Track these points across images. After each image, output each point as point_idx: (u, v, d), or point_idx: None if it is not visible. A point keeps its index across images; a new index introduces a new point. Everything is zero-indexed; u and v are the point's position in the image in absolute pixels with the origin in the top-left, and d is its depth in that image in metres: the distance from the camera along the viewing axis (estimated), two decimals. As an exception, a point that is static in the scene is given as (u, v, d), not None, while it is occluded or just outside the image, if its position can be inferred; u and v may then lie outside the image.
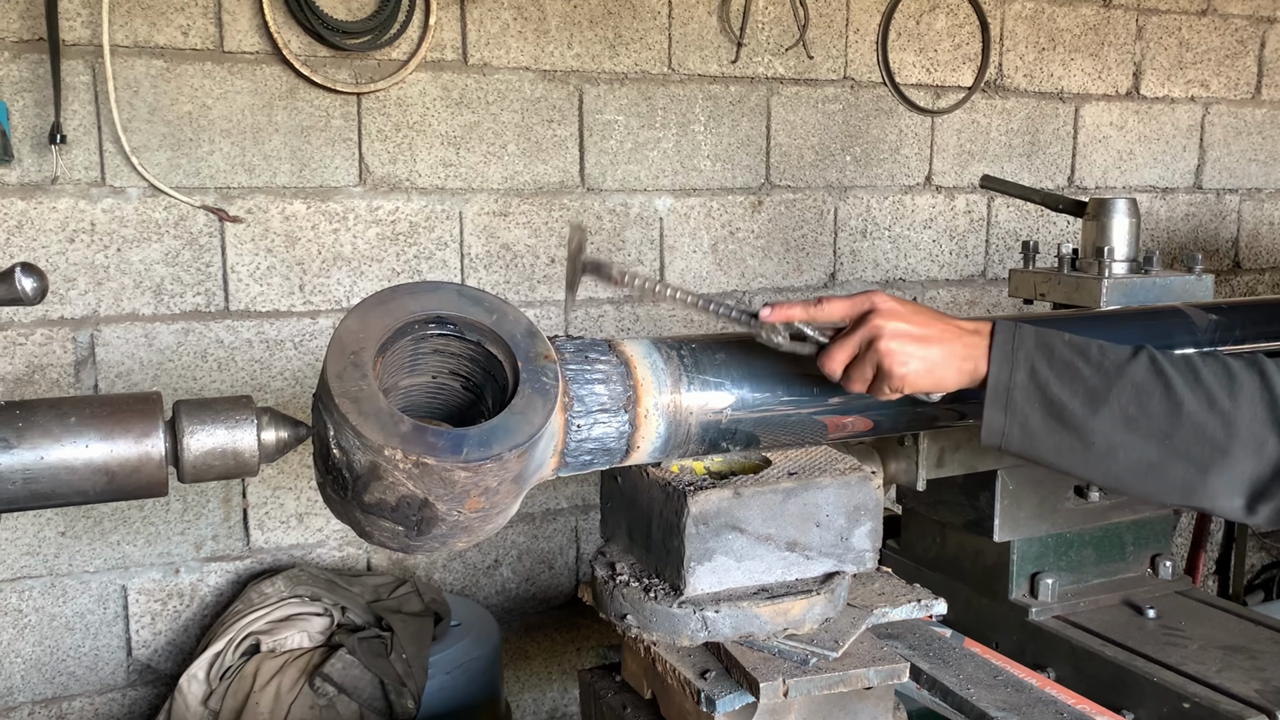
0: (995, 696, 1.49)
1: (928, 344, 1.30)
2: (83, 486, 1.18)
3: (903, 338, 1.29)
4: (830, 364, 1.32)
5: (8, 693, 2.64)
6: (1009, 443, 1.30)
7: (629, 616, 1.44)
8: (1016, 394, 1.28)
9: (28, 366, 2.56)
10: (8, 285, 1.10)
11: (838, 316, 1.33)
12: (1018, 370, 1.28)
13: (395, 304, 1.24)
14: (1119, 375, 1.27)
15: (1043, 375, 1.27)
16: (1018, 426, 1.29)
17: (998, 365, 1.29)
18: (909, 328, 1.29)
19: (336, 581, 2.62)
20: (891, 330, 1.29)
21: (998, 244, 3.65)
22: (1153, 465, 1.26)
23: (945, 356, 1.30)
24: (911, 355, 1.29)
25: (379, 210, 2.83)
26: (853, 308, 1.32)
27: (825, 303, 1.33)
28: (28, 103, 2.48)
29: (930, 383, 1.31)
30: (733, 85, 3.20)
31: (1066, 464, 1.30)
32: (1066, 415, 1.27)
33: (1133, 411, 1.25)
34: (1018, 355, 1.29)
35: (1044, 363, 1.28)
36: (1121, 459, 1.27)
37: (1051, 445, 1.29)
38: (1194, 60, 3.86)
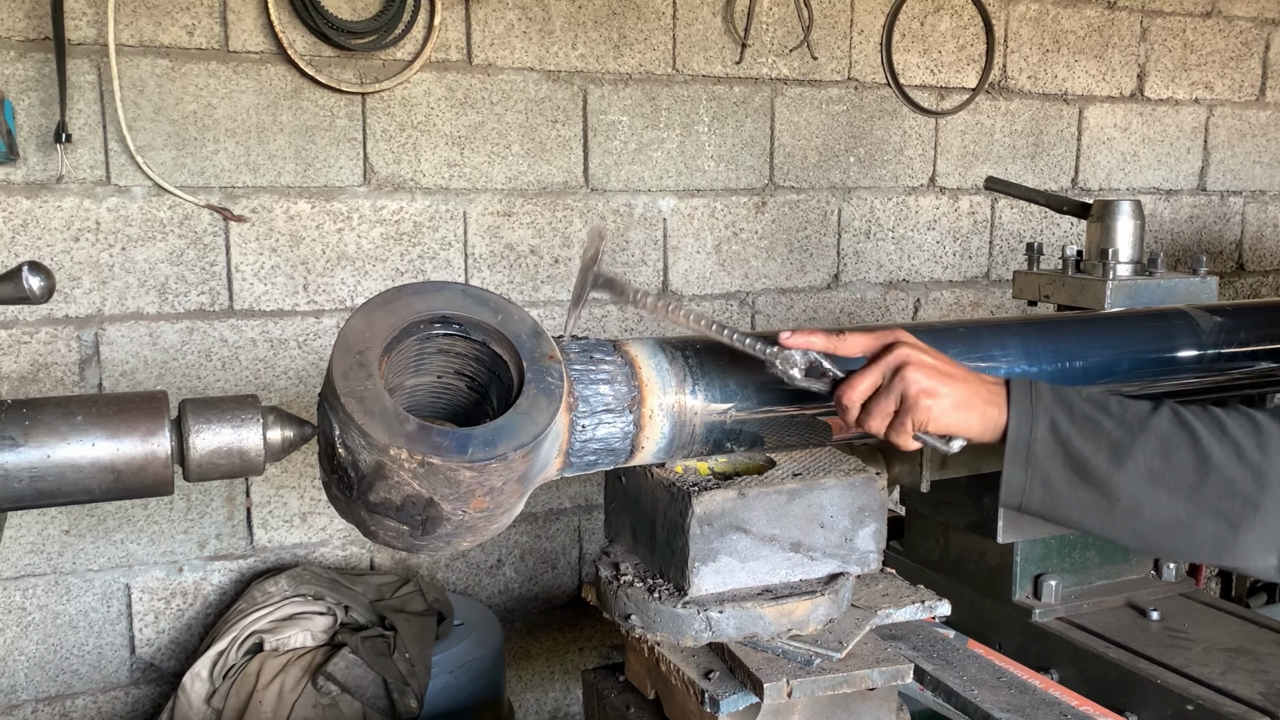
0: (999, 698, 1.49)
1: (954, 380, 1.25)
2: (89, 485, 1.18)
3: (930, 369, 1.24)
4: (850, 394, 1.26)
5: (11, 690, 2.65)
6: (1029, 501, 1.25)
7: (633, 617, 1.44)
8: (1037, 448, 1.22)
9: (32, 365, 2.56)
10: (15, 284, 1.10)
11: (859, 350, 1.28)
12: (1038, 424, 1.23)
13: (401, 303, 1.24)
14: (1142, 428, 1.22)
15: (1064, 429, 1.22)
16: (1039, 483, 1.23)
17: (1017, 418, 1.23)
18: (936, 362, 1.25)
19: (340, 580, 2.62)
20: (919, 360, 1.24)
21: (1001, 245, 3.65)
22: (1181, 522, 1.21)
23: (971, 396, 1.25)
24: (939, 388, 1.23)
25: (383, 210, 2.83)
26: (876, 341, 1.28)
27: (847, 334, 1.29)
28: (33, 101, 2.49)
29: (954, 421, 1.25)
30: (737, 86, 3.20)
31: (1091, 523, 1.25)
32: (1090, 470, 1.21)
33: (1158, 465, 1.20)
34: (1037, 409, 1.23)
35: (1064, 416, 1.23)
36: (1148, 516, 1.21)
37: (1075, 502, 1.23)
38: (1198, 62, 3.86)
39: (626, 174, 3.09)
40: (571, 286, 3.04)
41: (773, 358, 1.29)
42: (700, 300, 3.23)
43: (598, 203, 3.06)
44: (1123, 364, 1.72)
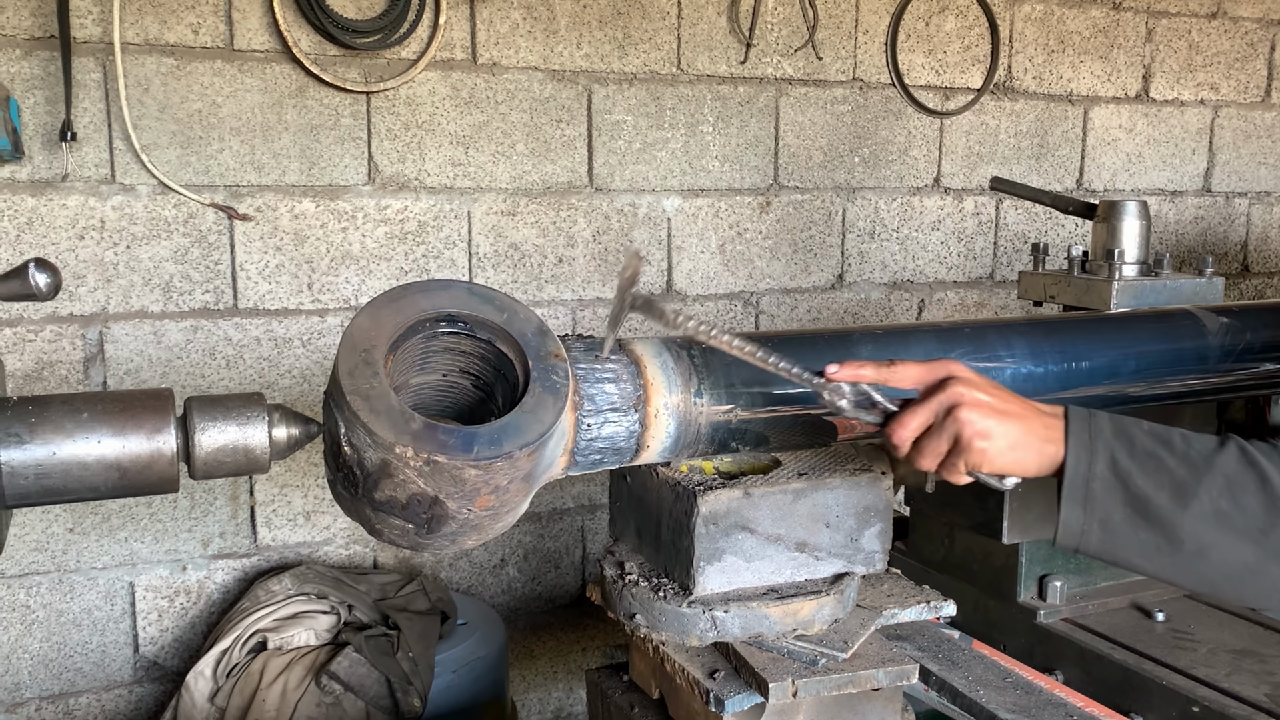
0: (1005, 698, 1.49)
1: (1010, 419, 1.19)
2: (94, 482, 1.18)
3: (985, 408, 1.18)
4: (901, 431, 1.21)
5: (15, 688, 2.65)
6: (1087, 542, 1.19)
7: (638, 616, 1.43)
8: (1096, 486, 1.16)
9: (37, 363, 2.56)
10: (21, 280, 1.10)
11: (911, 381, 1.23)
12: (1097, 460, 1.17)
13: (406, 302, 1.24)
14: (1208, 467, 1.16)
15: (1124, 466, 1.16)
16: (1097, 524, 1.17)
17: (1075, 453, 1.17)
18: (991, 400, 1.19)
19: (343, 579, 2.62)
20: (973, 399, 1.19)
21: (1006, 246, 3.65)
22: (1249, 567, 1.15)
23: (1026, 434, 1.19)
24: (994, 428, 1.18)
25: (388, 209, 2.83)
26: (929, 373, 1.23)
27: (899, 365, 1.24)
28: (39, 100, 2.49)
29: (1010, 462, 1.19)
30: (741, 86, 3.19)
31: (1154, 566, 1.18)
32: (1152, 511, 1.15)
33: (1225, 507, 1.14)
34: (1096, 443, 1.18)
35: (1124, 452, 1.17)
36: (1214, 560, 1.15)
37: (1136, 545, 1.17)
38: (1204, 63, 3.85)
39: (631, 174, 3.09)
40: (575, 287, 3.04)
41: (820, 388, 1.24)
42: (704, 300, 3.22)
43: (602, 202, 3.06)
44: (1129, 365, 1.71)
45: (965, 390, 1.19)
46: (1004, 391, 1.22)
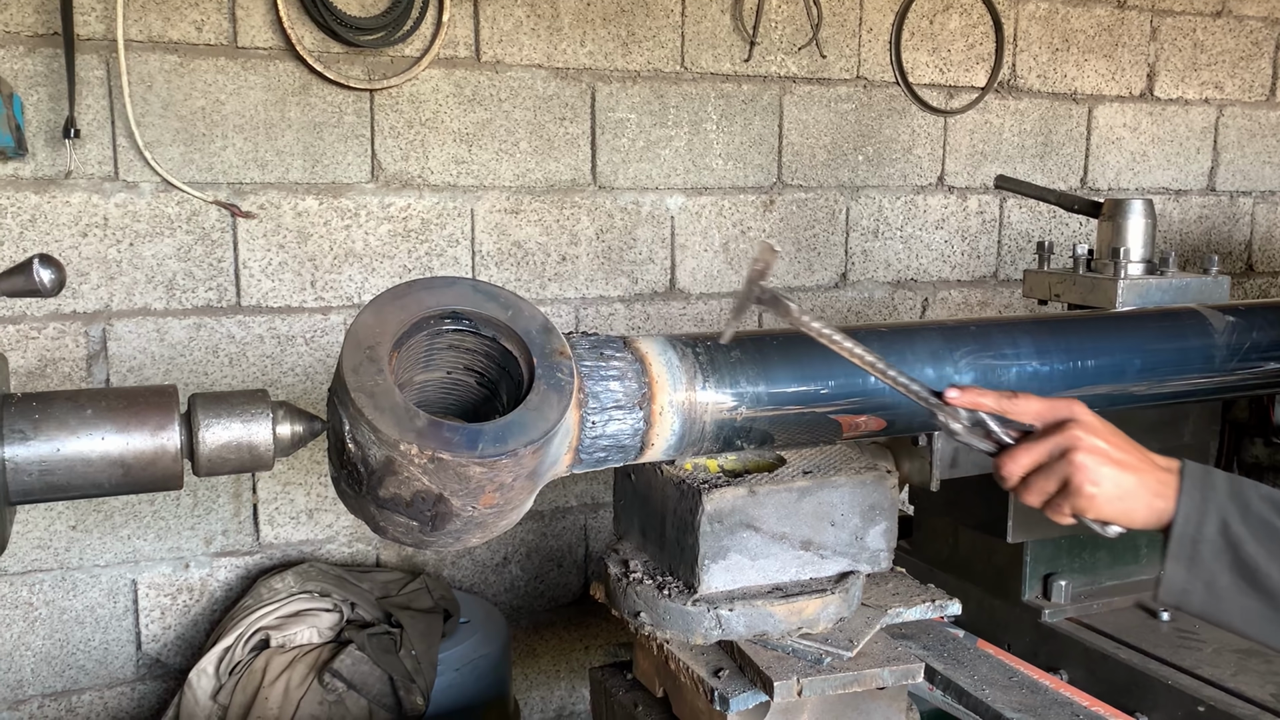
0: (1010, 698, 1.49)
1: (1124, 469, 1.18)
2: (98, 479, 1.18)
3: (1100, 455, 1.18)
4: (1012, 466, 1.21)
5: (18, 685, 2.65)
6: (1189, 602, 1.18)
7: (642, 614, 1.43)
8: (1204, 548, 1.16)
9: (40, 360, 2.56)
10: (26, 276, 1.10)
11: (1031, 415, 1.23)
12: (1207, 522, 1.16)
13: (411, 299, 1.24)
14: None
15: (1235, 532, 1.15)
16: (1202, 585, 1.16)
17: (1185, 513, 1.17)
18: (1107, 447, 1.19)
19: (346, 577, 2.62)
20: (1089, 445, 1.18)
21: (1010, 245, 3.64)
22: None
23: (1138, 486, 1.18)
24: (1105, 477, 1.17)
25: (391, 207, 2.83)
26: (1050, 411, 1.22)
27: (1020, 398, 1.23)
28: (42, 97, 2.49)
29: (1117, 511, 1.19)
30: (745, 84, 3.19)
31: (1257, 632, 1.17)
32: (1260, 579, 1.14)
33: None
34: (1208, 504, 1.17)
35: (1237, 517, 1.15)
36: None
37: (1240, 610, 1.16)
38: (1208, 62, 3.84)
39: (634, 172, 3.08)
40: (578, 285, 3.04)
41: (937, 409, 1.24)
42: (707, 299, 3.22)
43: (605, 200, 3.05)
44: (1134, 363, 1.71)
45: (1083, 434, 1.19)
46: (1123, 439, 1.22)
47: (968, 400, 1.23)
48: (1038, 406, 1.23)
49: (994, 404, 1.23)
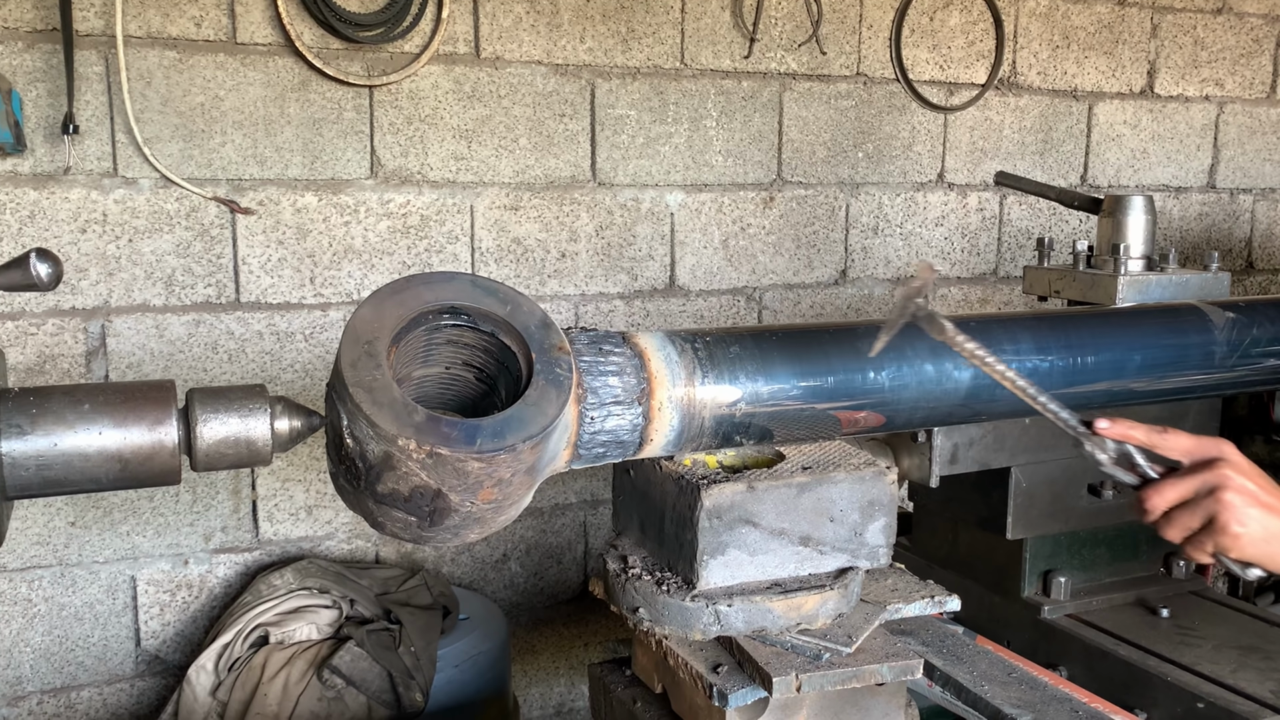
0: (1009, 694, 1.48)
1: (1271, 512, 1.19)
2: (96, 474, 1.18)
3: (1249, 496, 1.19)
4: (1157, 500, 1.22)
5: (17, 682, 2.65)
6: None
7: (641, 610, 1.43)
8: None
9: (39, 356, 2.56)
10: (23, 270, 1.10)
11: (1181, 451, 1.25)
12: None
13: (410, 294, 1.23)
14: None
15: None
16: None
17: None
18: (1256, 490, 1.20)
19: (345, 574, 2.62)
20: (1239, 485, 1.19)
21: (1009, 242, 3.64)
22: None
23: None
24: (1253, 518, 1.18)
25: (390, 203, 2.82)
26: (1199, 448, 1.24)
27: (1170, 434, 1.25)
28: (41, 93, 2.48)
29: (1262, 554, 1.20)
30: (745, 80, 3.19)
31: None
32: None
33: None
34: None
35: None
36: None
37: None
38: (1209, 59, 3.84)
39: (634, 168, 3.08)
40: (577, 282, 3.04)
41: (1084, 438, 1.25)
42: (707, 296, 3.22)
43: (605, 197, 3.05)
44: (1134, 359, 1.71)
45: (1233, 475, 1.20)
46: (1270, 483, 1.23)
47: (1117, 432, 1.25)
48: (1187, 444, 1.24)
49: (1144, 438, 1.25)
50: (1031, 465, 1.91)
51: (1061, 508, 1.97)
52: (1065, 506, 1.97)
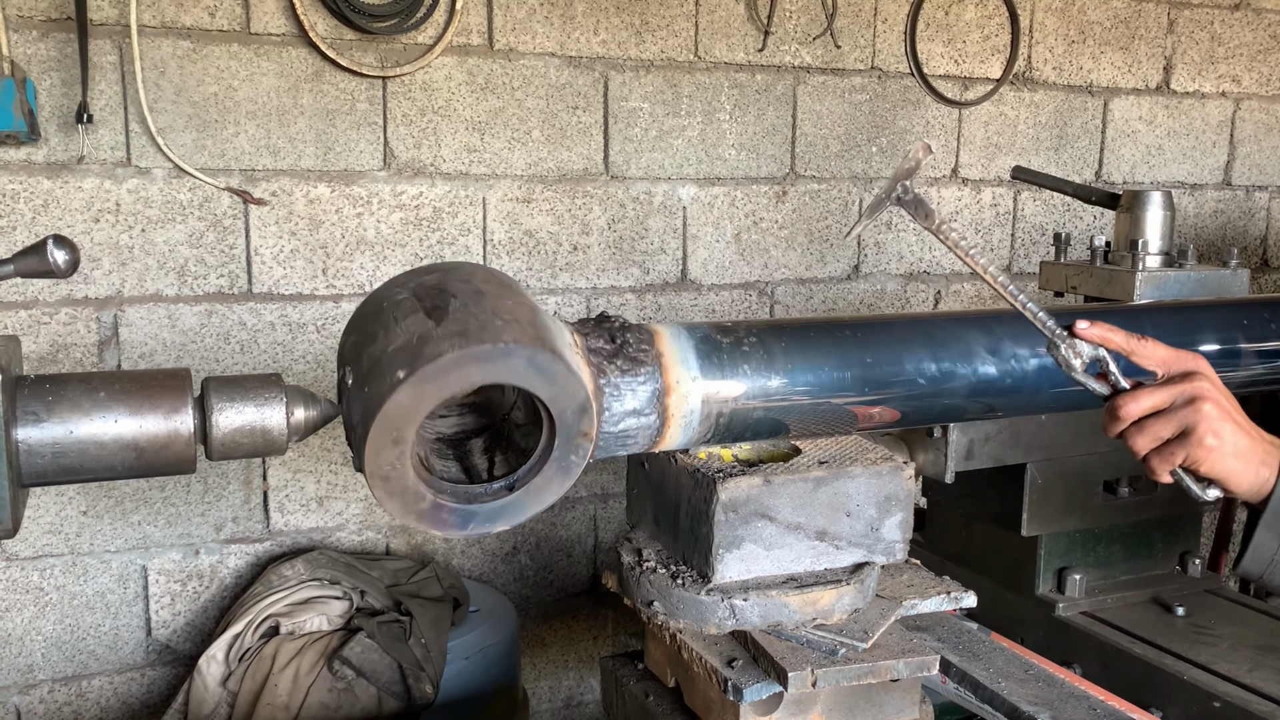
0: (1026, 691, 1.48)
1: (1241, 432, 1.20)
2: (111, 462, 1.17)
3: (1223, 411, 1.19)
4: (1131, 405, 1.20)
5: (29, 670, 2.65)
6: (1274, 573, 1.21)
7: (655, 603, 1.42)
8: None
9: (52, 345, 2.56)
10: (39, 257, 1.09)
11: (1158, 360, 1.23)
12: None
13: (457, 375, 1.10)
14: None
15: None
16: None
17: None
18: (1230, 407, 1.20)
19: (356, 565, 2.62)
20: (1216, 398, 1.19)
21: (1023, 238, 3.62)
22: None
23: (1250, 451, 1.20)
24: (1227, 432, 1.18)
25: (403, 195, 2.82)
26: (1176, 360, 1.22)
27: (1149, 341, 1.23)
28: (55, 82, 2.48)
29: (1228, 470, 1.20)
30: (759, 74, 3.17)
31: None
32: None
33: None
34: None
35: None
36: None
37: None
38: (1226, 55, 3.81)
39: (647, 161, 3.07)
40: (589, 275, 3.03)
41: (1059, 340, 1.22)
42: (719, 290, 3.21)
43: (617, 190, 3.04)
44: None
45: (1211, 387, 1.19)
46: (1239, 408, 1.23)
47: (1096, 334, 1.21)
48: (1164, 354, 1.23)
49: (1123, 342, 1.22)
50: (1047, 462, 1.90)
51: (1077, 504, 1.96)
52: (1080, 503, 1.96)
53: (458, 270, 1.24)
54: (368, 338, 1.16)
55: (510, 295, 1.22)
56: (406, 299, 1.17)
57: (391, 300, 1.19)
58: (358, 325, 1.22)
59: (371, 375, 1.12)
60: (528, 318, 1.18)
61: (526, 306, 1.21)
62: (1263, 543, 1.20)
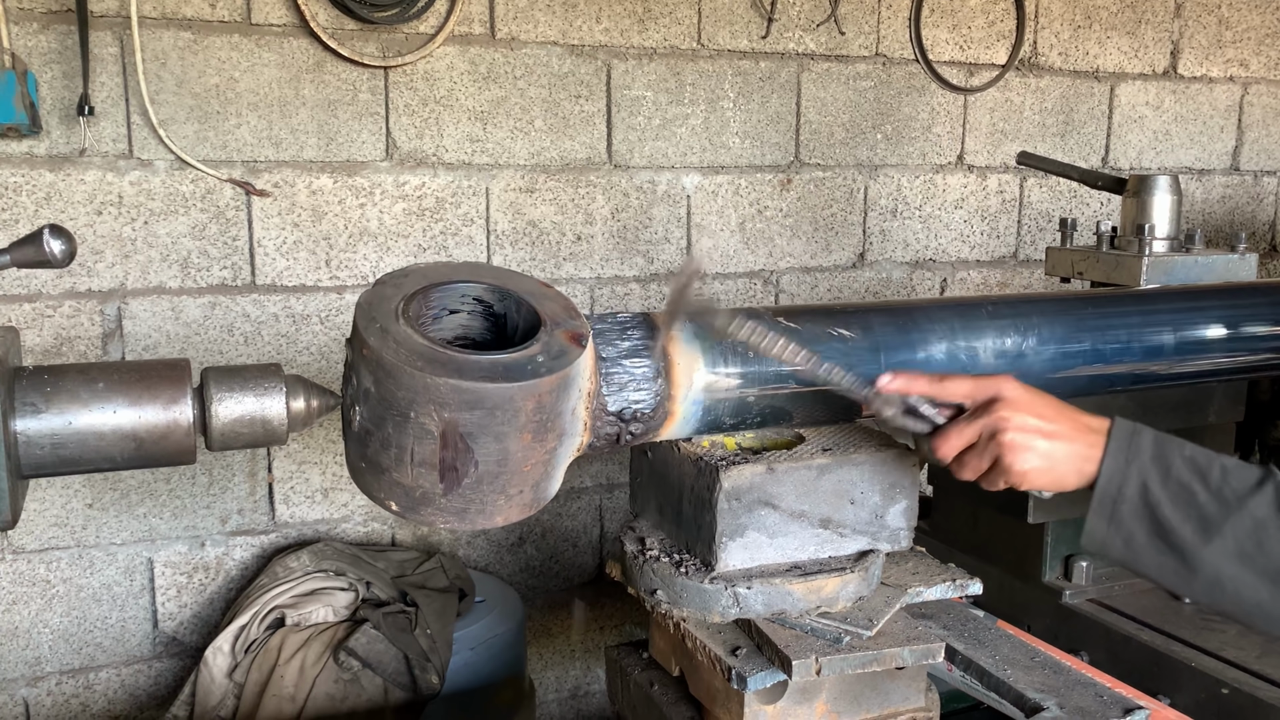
0: (1033, 678, 1.47)
1: (1053, 440, 1.23)
2: (110, 453, 1.17)
3: (1029, 433, 1.23)
4: (944, 448, 1.27)
5: (36, 662, 2.66)
6: (1109, 551, 1.24)
7: (659, 592, 1.42)
8: (1124, 509, 1.21)
9: (55, 338, 2.56)
10: (36, 246, 1.09)
11: (961, 395, 1.27)
12: (1128, 484, 1.21)
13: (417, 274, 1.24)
14: (1239, 506, 1.18)
15: (1154, 495, 1.20)
16: (1120, 540, 1.22)
17: (1108, 474, 1.22)
18: (1036, 422, 1.23)
19: (361, 557, 2.62)
20: (1017, 424, 1.23)
21: (1030, 225, 3.60)
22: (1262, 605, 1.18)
23: (1067, 455, 1.24)
24: (1034, 452, 1.23)
25: (405, 185, 2.81)
26: (978, 390, 1.27)
27: (949, 380, 1.28)
28: (56, 74, 2.48)
29: (1048, 481, 1.25)
30: (763, 61, 3.15)
31: (1169, 584, 1.25)
32: (1174, 540, 1.19)
33: (1249, 548, 1.17)
34: (1130, 467, 1.21)
35: (1157, 480, 1.20)
36: (1229, 591, 1.19)
37: (1154, 564, 1.22)
38: (1233, 39, 3.78)
39: (650, 150, 3.05)
40: (593, 265, 3.02)
41: (870, 398, 1.28)
42: (724, 279, 3.19)
43: (621, 179, 3.03)
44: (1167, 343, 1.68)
45: (1009, 414, 1.23)
46: (1052, 408, 1.25)
47: (900, 385, 1.28)
48: (966, 387, 1.28)
49: (925, 388, 1.28)
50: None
51: (1084, 491, 1.94)
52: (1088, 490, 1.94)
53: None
54: None
55: None
56: None
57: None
58: None
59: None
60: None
61: None
62: (1094, 527, 1.23)
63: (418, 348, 1.12)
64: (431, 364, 1.10)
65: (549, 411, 1.16)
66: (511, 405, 1.12)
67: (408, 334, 1.13)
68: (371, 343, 1.11)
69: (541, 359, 1.15)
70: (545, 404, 1.15)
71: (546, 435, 1.18)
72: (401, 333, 1.13)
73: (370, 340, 1.11)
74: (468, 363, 1.11)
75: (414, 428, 1.12)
